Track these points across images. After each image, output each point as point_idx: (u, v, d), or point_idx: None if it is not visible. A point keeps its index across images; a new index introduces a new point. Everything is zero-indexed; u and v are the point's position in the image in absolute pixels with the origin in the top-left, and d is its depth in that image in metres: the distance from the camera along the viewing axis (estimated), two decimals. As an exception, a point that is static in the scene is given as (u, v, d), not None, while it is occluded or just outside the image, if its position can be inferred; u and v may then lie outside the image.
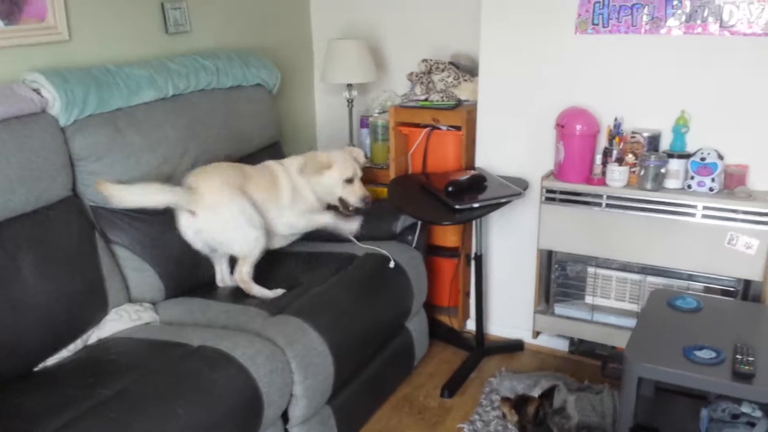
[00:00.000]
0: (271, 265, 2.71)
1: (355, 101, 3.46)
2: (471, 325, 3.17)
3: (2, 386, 1.91)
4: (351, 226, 2.74)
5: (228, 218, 2.43)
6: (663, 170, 2.54)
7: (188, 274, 2.51)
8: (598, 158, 2.70)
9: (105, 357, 2.07)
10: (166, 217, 2.45)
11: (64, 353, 2.11)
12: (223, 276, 2.61)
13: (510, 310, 3.12)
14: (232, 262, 2.56)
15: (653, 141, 2.62)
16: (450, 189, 2.66)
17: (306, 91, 3.76)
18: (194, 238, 2.46)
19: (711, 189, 2.49)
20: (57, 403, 1.79)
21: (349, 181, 2.66)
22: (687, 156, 2.53)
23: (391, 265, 2.64)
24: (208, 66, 2.78)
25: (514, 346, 3.07)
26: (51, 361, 2.07)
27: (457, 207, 2.56)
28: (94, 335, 2.19)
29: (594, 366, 2.88)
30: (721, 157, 2.48)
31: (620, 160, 2.62)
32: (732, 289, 2.56)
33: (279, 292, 2.46)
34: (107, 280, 2.27)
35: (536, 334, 2.96)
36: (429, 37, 3.40)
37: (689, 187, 2.53)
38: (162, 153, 2.49)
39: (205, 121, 2.69)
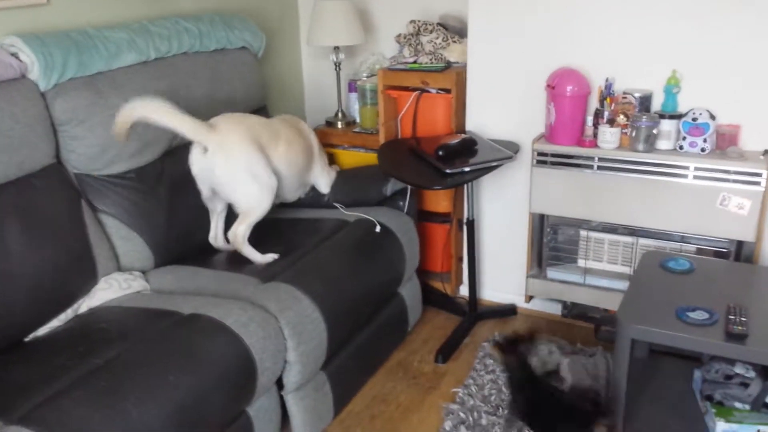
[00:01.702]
0: (260, 231, 2.68)
1: (343, 65, 3.40)
2: (464, 290, 3.17)
3: (-8, 357, 1.89)
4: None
5: (235, 166, 2.38)
6: (655, 131, 2.52)
7: (178, 241, 2.48)
8: (590, 120, 2.67)
9: (95, 326, 2.04)
10: (153, 183, 2.40)
11: (55, 323, 2.08)
12: (216, 233, 2.58)
13: (502, 274, 3.11)
14: (229, 222, 2.52)
15: (645, 101, 2.60)
16: (440, 153, 2.62)
17: (292, 55, 3.69)
18: (199, 174, 2.43)
19: (703, 149, 2.47)
20: (47, 373, 1.77)
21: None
22: (678, 116, 2.51)
23: (377, 229, 2.61)
24: (191, 29, 2.71)
25: (507, 311, 3.07)
26: (42, 331, 2.05)
27: (447, 171, 2.53)
28: (84, 305, 2.16)
29: (587, 329, 2.89)
30: (713, 117, 2.46)
31: (612, 122, 2.60)
32: (724, 250, 2.56)
33: (272, 256, 2.43)
34: (95, 249, 2.23)
35: (529, 298, 2.96)
36: (417, -2, 3.34)
37: (681, 147, 2.51)
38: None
39: (188, 85, 2.63)
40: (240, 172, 2.39)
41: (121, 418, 1.62)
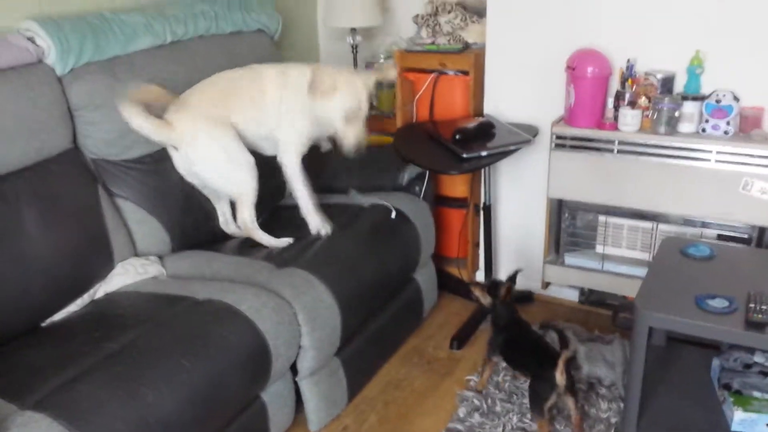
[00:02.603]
0: (275, 216, 2.69)
1: (360, 47, 3.37)
2: (480, 276, 3.15)
3: (9, 341, 1.91)
4: (315, 223, 2.47)
5: (206, 155, 2.35)
6: (677, 113, 2.47)
7: (194, 226, 2.48)
8: (610, 102, 2.63)
9: (112, 311, 2.06)
10: (169, 167, 2.41)
11: (72, 308, 2.10)
12: (226, 219, 2.58)
13: (519, 260, 3.08)
14: (234, 205, 2.52)
15: (667, 83, 2.54)
16: (457, 137, 2.59)
17: (309, 37, 3.66)
18: (185, 173, 2.42)
19: (726, 132, 2.42)
20: (63, 357, 1.79)
21: (350, 115, 2.33)
22: (702, 98, 2.45)
23: (393, 215, 2.59)
24: (207, 11, 2.70)
25: (524, 297, 3.05)
26: (58, 316, 2.07)
27: (464, 156, 2.51)
28: (101, 290, 2.18)
29: (604, 316, 2.86)
30: (736, 99, 2.40)
31: (633, 104, 2.55)
32: (746, 236, 2.51)
33: (286, 241, 2.42)
34: (112, 234, 2.24)
35: (546, 284, 2.93)
36: (435, -22, 3.28)
37: (704, 130, 2.45)
38: (161, 101, 2.43)
39: (205, 68, 2.61)
40: (215, 162, 2.35)
41: (137, 403, 1.64)
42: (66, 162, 2.20)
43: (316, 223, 2.46)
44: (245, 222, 2.40)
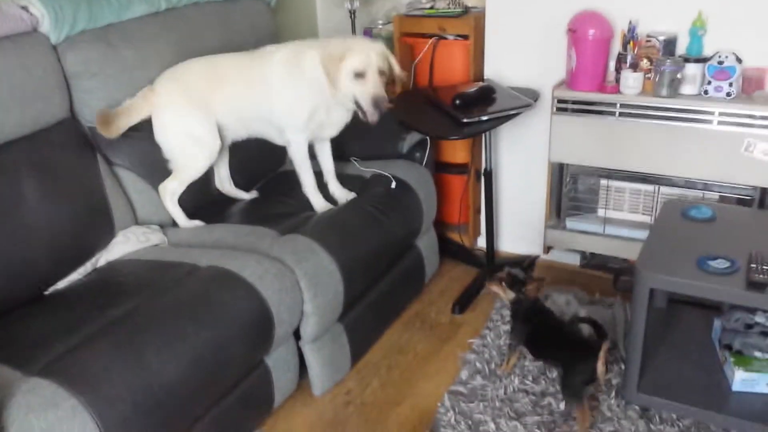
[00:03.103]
0: (276, 183, 2.68)
1: (358, 12, 3.32)
2: (482, 242, 3.15)
3: (13, 309, 1.92)
4: (320, 203, 2.45)
5: (167, 126, 2.35)
6: (679, 75, 2.44)
7: (194, 192, 2.46)
8: (612, 65, 2.60)
9: (114, 279, 2.07)
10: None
11: (74, 276, 2.11)
12: (221, 178, 2.59)
13: (521, 225, 3.08)
14: (231, 167, 2.57)
15: (669, 45, 2.51)
16: (457, 102, 2.57)
17: (306, 3, 3.60)
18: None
19: (728, 94, 2.40)
20: (66, 325, 1.80)
21: (361, 75, 2.22)
22: (704, 60, 2.42)
23: (393, 185, 2.58)
24: (202, -23, 2.65)
25: (531, 264, 3.03)
26: (61, 284, 2.08)
27: (465, 120, 2.49)
28: (102, 258, 2.18)
29: (606, 279, 2.86)
30: (739, 60, 2.38)
31: (635, 66, 2.52)
32: (748, 197, 2.51)
33: (196, 223, 2.40)
34: (112, 202, 2.24)
35: (548, 249, 2.93)
36: (434, -59, 3.23)
37: (706, 92, 2.43)
38: (156, 69, 2.40)
39: (200, 36, 2.58)
40: (175, 136, 2.35)
41: (141, 369, 1.65)
42: (63, 131, 2.19)
43: (320, 203, 2.45)
44: (165, 191, 2.36)
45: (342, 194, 2.52)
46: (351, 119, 2.46)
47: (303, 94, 2.33)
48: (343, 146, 2.73)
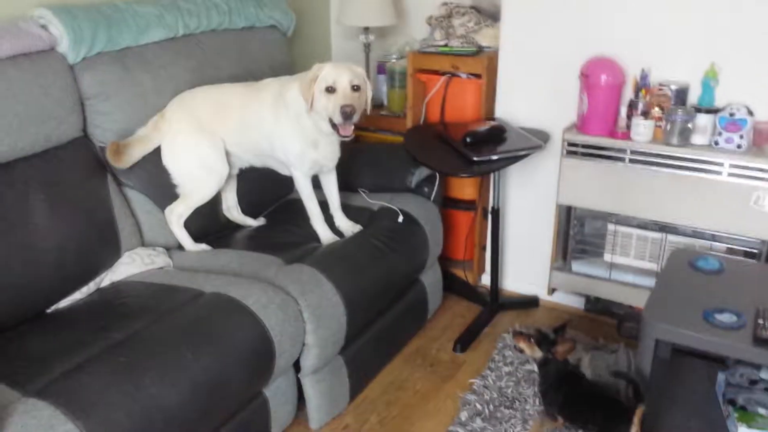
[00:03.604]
0: (286, 211, 2.68)
1: (372, 46, 3.36)
2: (486, 279, 3.14)
3: (14, 327, 1.92)
4: (326, 235, 2.46)
5: (177, 153, 2.37)
6: (690, 125, 2.45)
7: (201, 218, 2.46)
8: (623, 111, 2.61)
9: (117, 300, 2.06)
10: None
11: (77, 295, 2.10)
12: (228, 205, 2.59)
13: (526, 265, 3.07)
14: (239, 192, 2.58)
15: (681, 94, 2.52)
16: (468, 140, 2.58)
17: (321, 35, 3.65)
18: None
19: (739, 146, 2.40)
20: (67, 345, 1.79)
21: (331, 90, 2.24)
22: (715, 111, 2.43)
23: (400, 219, 2.58)
24: (220, 5, 2.68)
25: (529, 302, 3.03)
26: (63, 303, 2.07)
27: (475, 159, 2.49)
28: (107, 278, 2.17)
29: (609, 325, 2.84)
30: (750, 113, 2.39)
31: (646, 114, 2.53)
32: (756, 251, 2.49)
33: (204, 247, 2.40)
34: (119, 223, 2.24)
35: (551, 290, 2.92)
36: (451, -21, 3.27)
37: (716, 143, 2.44)
38: (170, 94, 2.43)
39: (216, 63, 2.61)
40: (186, 163, 2.38)
41: (140, 394, 1.63)
42: (75, 150, 2.20)
43: (326, 234, 2.46)
44: (171, 214, 2.37)
45: (347, 226, 2.52)
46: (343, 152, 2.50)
47: (290, 132, 2.37)
48: (351, 177, 2.74)
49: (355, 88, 2.26)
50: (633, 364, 2.31)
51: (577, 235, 2.82)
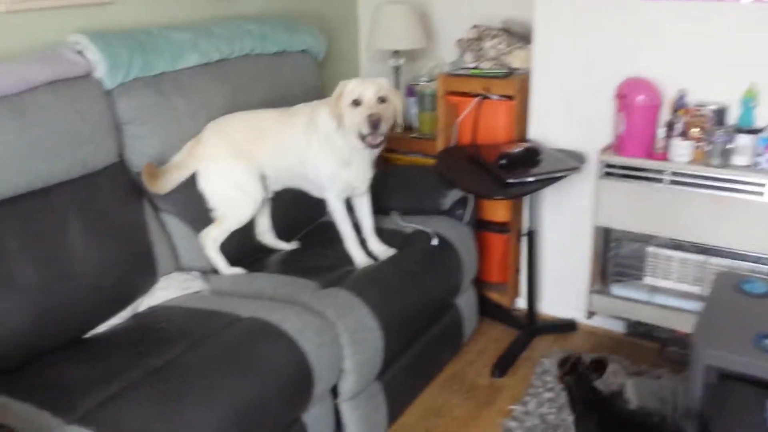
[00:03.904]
0: (320, 235, 2.66)
1: (402, 69, 3.36)
2: (521, 302, 3.09)
3: (51, 353, 1.90)
4: (361, 258, 2.44)
5: (214, 179, 2.36)
6: (730, 146, 2.41)
7: (238, 241, 2.45)
8: (661, 132, 2.57)
9: (154, 326, 2.05)
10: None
11: (115, 321, 2.09)
12: (263, 230, 2.58)
13: (562, 288, 3.01)
14: (274, 217, 2.56)
15: (719, 115, 2.48)
16: (502, 162, 2.55)
17: (352, 58, 3.67)
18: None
19: (781, 167, 2.36)
20: (106, 372, 1.77)
21: (358, 103, 2.27)
22: (756, 131, 2.39)
23: (434, 242, 2.55)
24: (253, 31, 2.70)
25: (567, 326, 2.97)
26: (101, 328, 2.06)
27: (509, 181, 2.46)
28: (144, 303, 2.16)
29: (651, 349, 2.77)
30: (792, 134, 2.35)
31: (684, 134, 2.49)
32: (801, 273, 2.43)
33: (239, 270, 2.39)
34: (156, 248, 2.23)
35: (590, 314, 2.86)
36: (480, 1, 3.27)
37: (757, 164, 2.39)
38: (205, 119, 2.44)
39: (249, 88, 2.62)
40: (221, 188, 2.37)
41: (180, 422, 1.61)
42: (112, 175, 2.20)
43: (361, 258, 2.43)
44: (207, 238, 2.36)
45: (381, 250, 2.49)
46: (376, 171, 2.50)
47: (322, 154, 2.37)
48: (384, 199, 2.72)
49: (382, 100, 2.28)
50: (678, 390, 2.24)
51: (615, 257, 2.77)
